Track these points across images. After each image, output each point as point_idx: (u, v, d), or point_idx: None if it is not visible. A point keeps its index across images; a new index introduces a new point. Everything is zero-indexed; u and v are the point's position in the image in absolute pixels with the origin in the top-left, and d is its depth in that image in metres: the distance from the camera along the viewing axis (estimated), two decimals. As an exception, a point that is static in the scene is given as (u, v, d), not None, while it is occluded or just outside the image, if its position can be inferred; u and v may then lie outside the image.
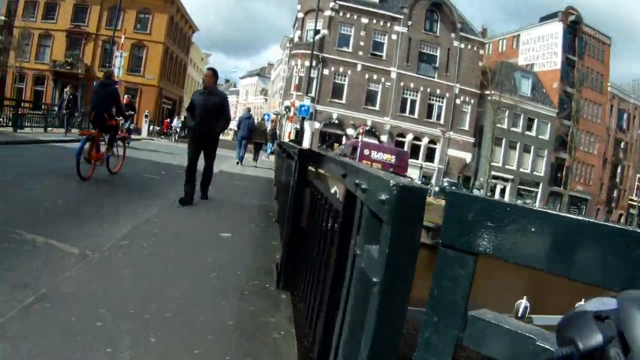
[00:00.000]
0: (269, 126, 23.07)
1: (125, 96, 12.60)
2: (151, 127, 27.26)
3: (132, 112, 11.86)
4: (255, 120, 15.64)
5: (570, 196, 36.06)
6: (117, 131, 6.96)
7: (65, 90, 15.95)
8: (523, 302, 10.31)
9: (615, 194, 39.98)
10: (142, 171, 8.38)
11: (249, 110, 15.45)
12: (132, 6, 27.86)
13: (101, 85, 6.46)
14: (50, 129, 14.88)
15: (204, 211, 5.23)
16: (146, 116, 27.27)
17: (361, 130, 26.57)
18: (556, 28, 33.11)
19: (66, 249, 2.98)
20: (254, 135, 14.20)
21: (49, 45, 28.30)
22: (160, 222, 4.22)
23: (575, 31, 33.69)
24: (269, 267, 3.31)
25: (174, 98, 33.71)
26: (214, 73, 5.61)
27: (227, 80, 78.50)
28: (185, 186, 5.40)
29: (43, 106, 18.16)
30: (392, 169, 24.54)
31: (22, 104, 15.08)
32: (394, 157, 25.66)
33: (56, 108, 15.94)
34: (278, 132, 30.69)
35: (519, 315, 10.04)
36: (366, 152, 25.19)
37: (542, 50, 33.59)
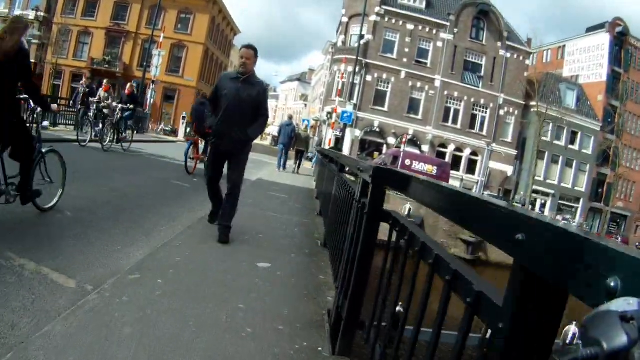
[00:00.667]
0: (310, 133, 22.44)
1: (128, 85, 11.10)
2: (188, 129, 26.66)
3: (133, 107, 10.48)
4: (296, 128, 15.65)
5: (611, 213, 34.82)
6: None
7: (81, 82, 14.00)
8: (572, 329, 9.63)
9: (655, 211, 38.55)
10: (169, 178, 7.66)
11: (290, 117, 15.37)
12: (173, 6, 27.42)
13: (200, 104, 8.09)
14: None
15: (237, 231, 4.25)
16: (183, 118, 26.68)
17: (403, 140, 25.74)
18: (603, 39, 32.07)
19: (61, 281, 2.48)
20: (296, 142, 14.41)
21: (87, 42, 27.95)
22: (183, 246, 3.37)
23: (621, 43, 32.61)
24: (319, 318, 2.49)
25: (210, 100, 33.20)
26: (255, 52, 3.80)
27: (267, 85, 77.20)
28: (212, 206, 4.22)
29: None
30: None
31: (59, 102, 14.58)
32: (436, 168, 24.74)
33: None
34: (317, 138, 30.06)
35: (567, 341, 9.59)
36: (407, 162, 24.31)
37: (587, 61, 32.56)
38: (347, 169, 4.35)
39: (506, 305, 0.74)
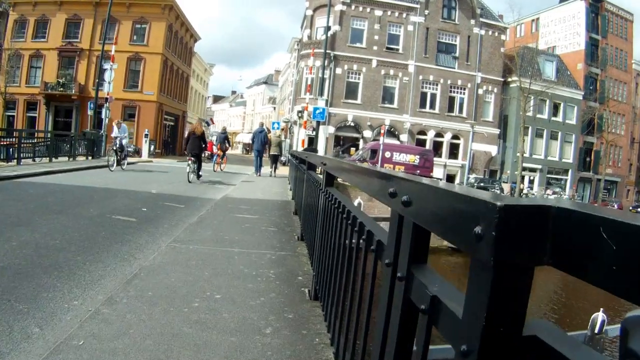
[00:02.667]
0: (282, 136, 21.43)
1: None
2: (152, 147, 25.46)
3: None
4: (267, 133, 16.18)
5: (598, 180, 34.36)
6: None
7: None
8: (600, 316, 8.99)
9: (644, 173, 38.24)
10: (111, 211, 6.12)
11: (262, 124, 16.06)
12: (127, 16, 25.89)
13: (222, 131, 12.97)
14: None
15: (185, 280, 3.12)
16: (146, 135, 25.42)
17: (382, 131, 24.73)
18: (578, 7, 31.16)
19: None
20: (270, 147, 15.18)
21: (40, 66, 26.34)
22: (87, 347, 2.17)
23: (597, 9, 31.72)
24: None
25: (176, 113, 31.64)
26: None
27: (233, 92, 75.01)
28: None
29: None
30: (418, 171, 22.79)
31: (17, 134, 13.49)
32: (418, 157, 23.86)
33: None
34: (288, 140, 28.94)
35: (596, 331, 8.87)
36: (387, 154, 23.37)
37: (563, 31, 31.67)
38: (317, 168, 3.98)
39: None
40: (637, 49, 34.02)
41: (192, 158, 10.86)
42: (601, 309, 8.88)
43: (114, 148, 12.29)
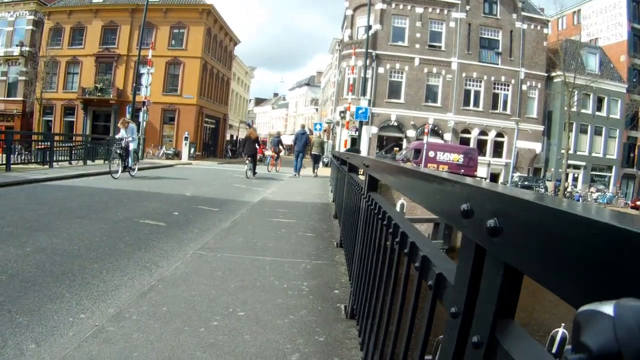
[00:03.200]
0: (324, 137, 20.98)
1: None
2: (192, 150, 25.11)
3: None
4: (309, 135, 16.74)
5: (642, 177, 33.27)
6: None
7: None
8: (560, 332, 6.85)
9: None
10: (139, 215, 5.72)
11: (303, 126, 16.70)
12: (164, 22, 25.61)
13: (276, 135, 14.25)
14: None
15: (207, 293, 2.71)
16: (186, 138, 25.08)
17: (426, 130, 24.00)
18: (619, -4, 30.18)
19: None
20: (312, 148, 16.09)
21: (77, 72, 26.19)
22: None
23: (639, -3, 30.71)
24: None
25: (217, 116, 31.29)
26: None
27: (275, 94, 74.19)
28: None
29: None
30: (462, 171, 22.06)
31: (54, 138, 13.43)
32: (462, 156, 23.13)
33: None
34: (331, 142, 28.40)
35: (554, 351, 6.60)
36: (431, 154, 22.65)
37: (605, 22, 30.70)
38: (359, 170, 3.62)
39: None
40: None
41: (250, 158, 12.83)
42: (562, 324, 6.93)
43: (118, 151, 10.34)
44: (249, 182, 12.05)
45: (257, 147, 13.12)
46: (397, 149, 26.03)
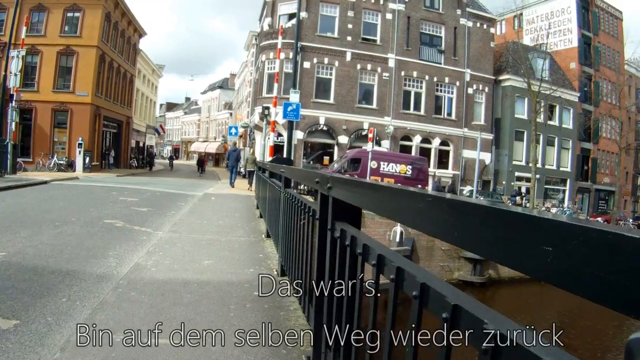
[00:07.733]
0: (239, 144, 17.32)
1: None
2: (87, 160, 20.51)
3: None
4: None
5: (596, 190, 31.35)
6: None
7: None
8: None
9: (640, 182, 35.70)
10: None
11: (235, 143, 18.84)
12: (57, 4, 21.23)
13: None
14: None
15: None
16: (80, 145, 20.45)
17: (370, 135, 19.94)
18: (568, 2, 28.57)
19: None
20: (247, 164, 16.75)
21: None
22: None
23: (587, 4, 29.28)
24: None
25: (118, 119, 26.58)
26: None
27: (187, 99, 71.69)
28: None
29: None
30: (415, 186, 18.50)
31: None
32: (410, 167, 19.68)
33: None
34: (248, 148, 24.49)
35: None
36: (373, 164, 19.04)
37: (553, 27, 28.87)
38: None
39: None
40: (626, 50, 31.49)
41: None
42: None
43: None
44: (138, 213, 7.24)
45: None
46: (327, 158, 22.38)
